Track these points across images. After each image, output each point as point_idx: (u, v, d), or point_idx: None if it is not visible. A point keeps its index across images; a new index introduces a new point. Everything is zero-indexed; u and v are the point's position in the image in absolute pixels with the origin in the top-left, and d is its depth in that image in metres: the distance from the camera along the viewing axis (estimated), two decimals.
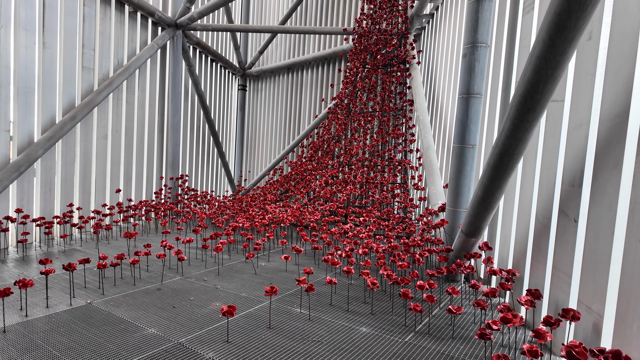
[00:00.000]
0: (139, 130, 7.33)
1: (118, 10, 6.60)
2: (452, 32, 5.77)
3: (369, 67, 7.78)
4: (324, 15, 9.92)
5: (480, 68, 3.59)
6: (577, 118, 2.29)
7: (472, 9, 3.56)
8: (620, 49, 1.95)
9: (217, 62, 10.18)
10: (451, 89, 5.60)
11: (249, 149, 11.70)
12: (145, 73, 7.40)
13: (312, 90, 10.15)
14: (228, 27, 8.53)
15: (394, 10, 7.50)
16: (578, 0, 1.62)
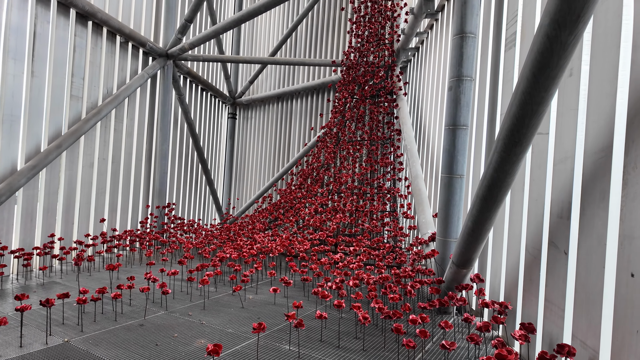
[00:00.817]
0: (126, 158, 7.25)
1: (109, 41, 6.66)
2: (437, 64, 5.96)
3: (357, 98, 7.93)
4: (313, 47, 10.19)
5: (466, 100, 3.68)
6: (562, 151, 2.34)
7: (456, 45, 3.69)
8: (600, 86, 2.02)
9: (207, 91, 10.27)
10: (437, 119, 5.72)
11: (238, 176, 11.65)
12: (135, 101, 7.40)
13: (301, 119, 10.27)
14: (219, 57, 8.67)
15: (381, 44, 7.75)
16: (560, 41, 1.68)
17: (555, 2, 1.63)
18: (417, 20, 6.21)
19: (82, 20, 6.06)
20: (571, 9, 1.60)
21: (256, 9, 5.99)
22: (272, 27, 11.12)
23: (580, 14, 1.61)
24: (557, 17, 1.66)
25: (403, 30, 7.14)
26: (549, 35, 1.71)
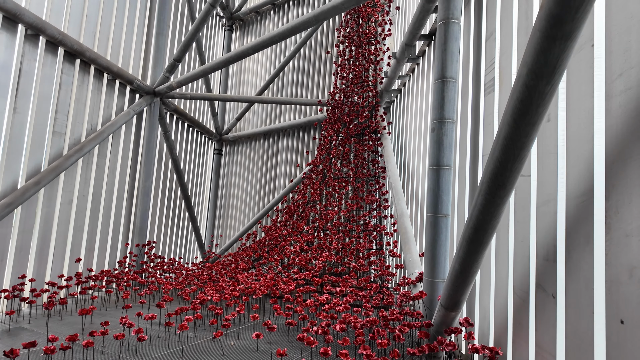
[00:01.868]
0: (107, 195, 7.09)
1: (96, 78, 6.70)
2: (419, 106, 6.15)
3: (342, 136, 8.07)
4: (299, 86, 10.45)
5: (448, 142, 3.77)
6: (544, 194, 2.38)
7: (438, 89, 3.82)
8: (577, 132, 2.09)
9: (193, 127, 10.31)
10: (421, 158, 5.83)
11: (222, 213, 11.47)
12: (120, 138, 7.35)
13: (287, 156, 10.33)
14: (206, 96, 8.78)
15: (365, 86, 8.00)
16: (538, 90, 1.75)
17: (532, 55, 1.72)
18: (399, 64, 6.47)
19: (70, 58, 6.10)
20: (547, 61, 1.68)
21: (244, 51, 6.16)
22: (260, 66, 11.42)
23: (556, 66, 1.69)
24: (535, 68, 1.73)
25: (386, 73, 7.42)
26: (528, 85, 1.78)
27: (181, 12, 9.43)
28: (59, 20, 5.91)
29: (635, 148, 1.67)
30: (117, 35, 7.16)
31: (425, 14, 4.84)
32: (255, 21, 11.63)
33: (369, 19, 8.18)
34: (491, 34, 3.46)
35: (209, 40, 11.00)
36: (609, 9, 1.89)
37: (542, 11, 1.61)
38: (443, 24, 3.76)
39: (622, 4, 1.78)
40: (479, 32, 3.77)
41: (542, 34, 1.64)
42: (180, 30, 9.41)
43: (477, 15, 3.82)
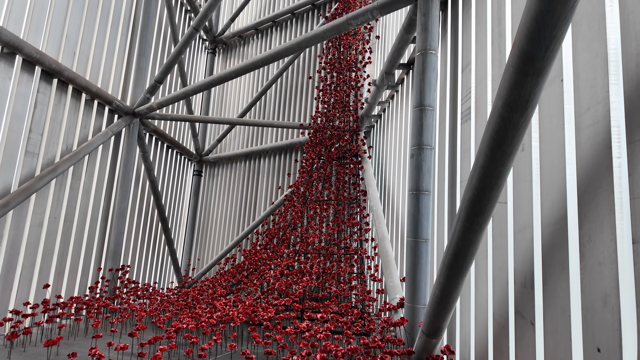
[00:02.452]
0: (81, 217, 6.84)
1: (74, 98, 6.58)
2: (398, 131, 6.29)
3: (324, 159, 8.12)
4: (282, 109, 10.54)
5: (427, 167, 3.85)
6: (521, 221, 2.44)
7: (416, 116, 3.93)
8: (550, 162, 2.17)
9: (173, 148, 10.18)
10: (400, 182, 5.92)
11: (200, 235, 11.22)
12: (96, 158, 7.17)
13: (269, 177, 10.30)
14: (187, 117, 8.74)
15: (346, 110, 8.15)
16: (512, 122, 1.82)
17: (506, 88, 1.79)
18: (379, 91, 6.64)
19: (47, 77, 5.99)
20: (520, 95, 1.76)
21: (227, 75, 6.20)
22: (242, 88, 11.49)
23: (528, 100, 1.77)
24: (509, 101, 1.81)
25: (366, 99, 7.59)
26: (503, 117, 1.85)
27: (164, 34, 9.47)
28: (38, 38, 5.82)
29: (604, 179, 1.74)
30: (97, 55, 7.10)
31: (404, 44, 5.02)
32: (238, 45, 11.78)
33: (349, 46, 8.42)
34: (467, 65, 3.60)
35: (191, 62, 11.04)
36: (575, 47, 2.01)
37: (515, 48, 1.70)
38: (421, 55, 3.90)
39: (587, 43, 1.90)
40: (455, 63, 3.93)
41: (515, 70, 1.72)
42: (162, 51, 9.41)
43: (454, 47, 3.98)
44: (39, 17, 5.78)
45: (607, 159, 1.72)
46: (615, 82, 1.71)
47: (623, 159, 1.64)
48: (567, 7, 1.50)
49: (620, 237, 1.64)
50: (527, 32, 1.61)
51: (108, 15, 7.31)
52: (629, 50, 1.64)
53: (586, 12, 1.91)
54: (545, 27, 1.55)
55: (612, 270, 1.66)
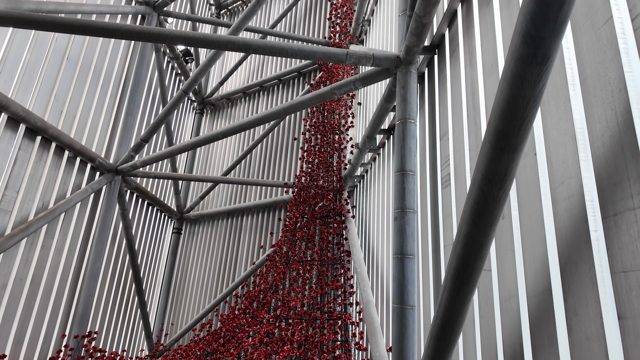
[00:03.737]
0: (49, 278, 6.46)
1: (56, 155, 6.52)
2: (380, 192, 6.40)
3: (307, 218, 8.10)
4: (266, 168, 10.66)
5: (411, 231, 3.87)
6: (506, 290, 2.43)
7: (398, 180, 4.03)
8: (530, 232, 2.22)
9: (154, 205, 10.01)
10: (384, 243, 5.89)
11: (175, 297, 10.66)
12: (72, 216, 6.95)
13: (251, 236, 10.11)
14: (171, 175, 8.72)
15: (330, 171, 8.31)
16: (492, 194, 1.88)
17: (484, 162, 1.88)
18: (362, 154, 6.84)
19: (31, 134, 5.97)
20: (498, 169, 1.84)
21: (214, 136, 6.32)
22: (228, 147, 11.66)
23: (506, 174, 1.85)
24: (487, 174, 1.88)
25: (349, 160, 7.79)
26: (482, 189, 1.91)
27: (153, 94, 9.73)
28: (26, 97, 5.88)
29: (583, 251, 1.78)
30: (84, 114, 7.18)
31: (384, 112, 5.29)
32: (226, 107, 12.16)
33: (333, 111, 8.81)
34: (444, 134, 3.79)
35: (178, 121, 11.26)
36: (545, 124, 2.15)
37: (490, 127, 1.81)
38: (401, 123, 4.10)
39: (556, 122, 2.04)
40: (434, 132, 4.13)
41: (492, 146, 1.81)
42: (150, 111, 9.61)
43: (431, 117, 4.21)
44: (29, 77, 5.89)
45: (584, 232, 1.78)
46: (585, 159, 1.82)
47: (600, 232, 1.70)
48: (535, 91, 1.63)
49: (605, 311, 1.64)
50: (500, 113, 1.73)
51: (99, 76, 7.53)
52: (594, 130, 1.77)
53: (552, 94, 2.08)
54: (516, 108, 1.67)
55: (600, 347, 1.64)
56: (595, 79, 1.77)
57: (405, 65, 4.19)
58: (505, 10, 2.70)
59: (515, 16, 2.57)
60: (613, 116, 1.65)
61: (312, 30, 10.75)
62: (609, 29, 1.70)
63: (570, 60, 1.96)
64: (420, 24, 3.58)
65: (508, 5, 2.64)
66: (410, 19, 3.94)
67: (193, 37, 4.20)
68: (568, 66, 1.99)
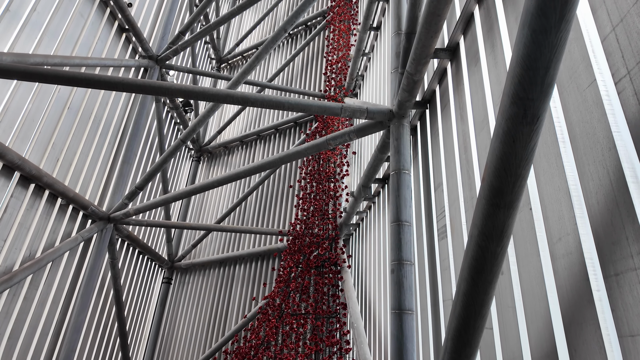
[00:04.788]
0: (29, 332, 6.12)
1: (49, 202, 6.45)
2: (376, 241, 6.32)
3: (302, 268, 7.91)
4: (261, 215, 10.57)
5: (409, 284, 3.76)
6: (509, 350, 2.32)
7: (394, 231, 3.99)
8: (530, 289, 2.16)
9: (144, 254, 9.77)
10: (382, 295, 5.71)
11: (162, 353, 10.09)
12: (59, 266, 6.74)
13: (243, 287, 9.80)
14: (164, 223, 8.61)
15: (325, 219, 8.25)
16: (490, 250, 1.85)
17: (480, 218, 1.86)
18: (357, 202, 6.84)
19: (25, 182, 5.94)
20: (495, 225, 1.82)
21: (209, 184, 6.33)
22: (223, 194, 11.63)
23: (503, 230, 1.83)
24: (484, 230, 1.86)
25: (345, 208, 7.77)
26: (480, 245, 1.88)
27: (151, 143, 9.86)
28: (23, 146, 5.92)
29: (587, 312, 1.72)
30: (81, 161, 7.20)
31: (378, 162, 5.36)
32: (223, 154, 12.31)
33: (328, 160, 8.93)
34: (439, 185, 3.82)
35: (174, 168, 11.33)
36: (538, 180, 2.17)
37: (485, 183, 1.81)
38: (395, 174, 4.14)
39: (549, 178, 2.06)
40: (428, 183, 4.16)
41: (487, 202, 1.81)
42: (147, 158, 9.68)
43: (425, 169, 4.27)
44: (29, 125, 5.97)
45: (587, 292, 1.73)
46: (581, 216, 1.81)
47: (602, 292, 1.65)
48: (527, 150, 1.66)
49: None
50: (494, 170, 1.74)
51: (99, 125, 7.65)
52: (587, 187, 1.78)
53: (543, 151, 2.12)
54: (510, 166, 1.69)
55: None
56: (585, 137, 1.81)
57: (398, 119, 4.31)
58: (493, 70, 2.83)
59: (503, 75, 2.69)
60: (605, 174, 1.67)
61: (308, 83, 11.18)
62: (594, 91, 1.77)
63: (559, 118, 2.02)
64: (411, 80, 3.73)
65: (495, 65, 2.77)
66: (402, 76, 4.12)
67: (193, 90, 4.34)
68: (557, 124, 2.04)
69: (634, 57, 1.55)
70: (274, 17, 13.16)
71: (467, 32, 3.42)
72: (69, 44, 6.66)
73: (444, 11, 2.94)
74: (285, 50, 12.23)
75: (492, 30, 2.90)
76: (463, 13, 3.37)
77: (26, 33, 5.75)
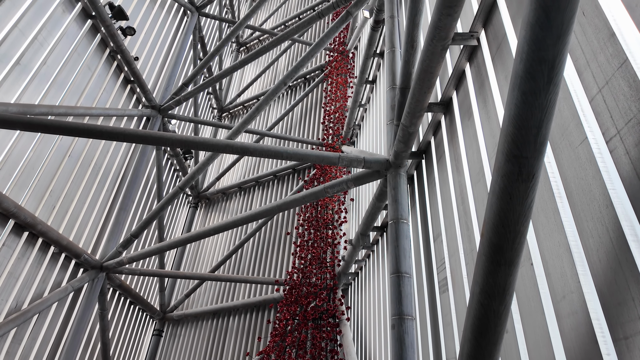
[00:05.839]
0: None
1: (41, 250, 6.31)
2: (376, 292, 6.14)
3: (298, 320, 7.60)
4: (257, 264, 10.35)
5: (410, 341, 3.60)
6: None
7: (394, 283, 3.88)
8: (537, 349, 2.06)
9: (135, 304, 9.42)
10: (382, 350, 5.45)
11: None
12: (46, 317, 6.47)
13: (237, 340, 9.36)
14: (157, 272, 8.40)
15: (323, 267, 8.07)
16: (492, 309, 1.79)
17: (481, 275, 1.82)
18: (356, 250, 6.73)
19: (19, 230, 5.86)
20: (496, 282, 1.78)
21: (206, 232, 6.25)
22: (218, 242, 11.46)
23: (505, 287, 1.78)
24: (486, 288, 1.81)
25: (343, 257, 7.63)
26: (482, 304, 1.82)
27: (149, 189, 9.86)
28: (21, 192, 5.90)
29: None
30: (77, 209, 7.16)
31: (376, 211, 5.34)
32: (221, 200, 12.29)
33: (326, 206, 8.91)
34: (438, 235, 3.78)
35: (171, 214, 11.25)
36: (537, 234, 2.15)
37: (484, 239, 1.79)
38: (393, 223, 4.10)
39: (548, 233, 2.04)
40: (427, 233, 4.12)
41: (487, 258, 1.78)
42: (144, 205, 9.64)
43: (423, 218, 4.25)
44: (28, 173, 5.99)
45: (596, 355, 1.65)
46: (584, 273, 1.77)
47: (613, 357, 1.57)
48: (524, 207, 1.65)
49: None
50: (492, 226, 1.73)
51: (98, 172, 7.70)
52: (588, 245, 1.76)
53: (541, 205, 2.12)
54: (508, 222, 1.67)
55: None
56: (581, 194, 1.82)
57: (394, 168, 4.35)
58: (486, 124, 2.91)
59: (496, 129, 2.75)
60: (605, 231, 1.65)
61: (307, 132, 11.44)
62: (586, 149, 1.80)
63: (554, 174, 2.05)
64: (406, 132, 3.82)
65: (488, 120, 2.85)
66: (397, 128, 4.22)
67: (193, 141, 4.41)
68: (552, 179, 2.06)
69: (622, 117, 1.60)
70: (274, 70, 13.74)
71: (460, 88, 3.55)
72: (75, 95, 6.87)
73: (437, 69, 3.07)
74: (284, 101, 12.65)
75: (483, 86, 3.01)
76: (455, 70, 3.52)
77: (34, 84, 5.95)
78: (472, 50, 3.32)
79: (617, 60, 1.66)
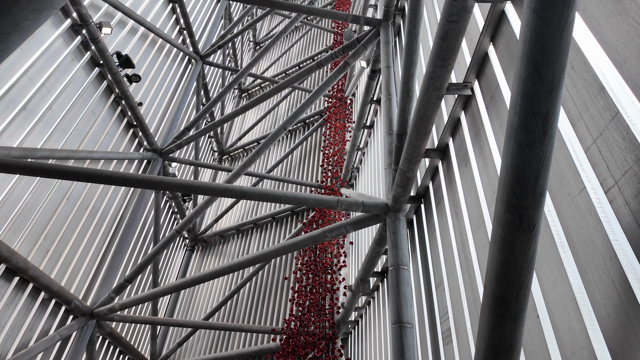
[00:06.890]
0: None
1: (30, 296, 6.11)
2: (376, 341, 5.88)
3: None
4: (253, 311, 10.00)
5: None
6: None
7: (396, 334, 3.72)
8: None
9: (125, 354, 8.98)
10: None
11: None
12: None
13: None
14: (150, 319, 8.10)
15: (322, 315, 7.80)
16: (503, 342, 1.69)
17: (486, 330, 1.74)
18: (355, 297, 6.53)
19: (9, 275, 5.70)
20: (502, 338, 1.70)
21: (201, 277, 6.10)
22: (214, 287, 11.15)
23: (511, 343, 1.70)
24: (492, 343, 1.73)
25: (342, 303, 7.39)
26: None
27: (146, 232, 9.74)
28: (15, 236, 5.81)
29: None
30: (71, 253, 7.02)
31: (376, 255, 5.25)
32: (218, 243, 12.12)
33: (325, 250, 8.77)
34: (439, 283, 3.68)
35: (167, 258, 11.03)
36: (542, 285, 2.09)
37: (487, 291, 1.74)
38: (394, 269, 4.01)
39: (553, 283, 1.99)
40: (428, 280, 4.02)
41: (492, 312, 1.71)
42: (140, 249, 9.47)
43: (424, 265, 4.16)
44: (24, 217, 5.94)
45: None
46: (592, 328, 1.70)
47: None
48: (527, 258, 1.62)
49: None
50: (495, 278, 1.68)
51: (95, 215, 7.64)
52: (594, 298, 1.70)
53: (543, 255, 2.07)
54: (511, 274, 1.63)
55: None
56: (583, 244, 1.79)
57: (393, 212, 4.33)
58: (484, 171, 2.93)
59: (493, 176, 2.76)
60: (611, 284, 1.60)
61: (306, 174, 11.52)
62: (585, 198, 1.80)
63: (554, 222, 2.03)
64: (405, 177, 3.83)
65: (485, 167, 2.87)
66: (395, 172, 4.24)
67: (192, 185, 4.42)
68: (553, 228, 2.04)
69: (618, 168, 1.61)
70: (275, 114, 14.09)
71: (456, 135, 3.62)
72: (78, 138, 6.98)
73: (432, 117, 3.14)
74: (284, 144, 12.85)
75: (479, 134, 3.07)
76: (450, 118, 3.61)
77: (39, 128, 6.05)
78: (466, 99, 3.41)
79: (609, 113, 1.70)
